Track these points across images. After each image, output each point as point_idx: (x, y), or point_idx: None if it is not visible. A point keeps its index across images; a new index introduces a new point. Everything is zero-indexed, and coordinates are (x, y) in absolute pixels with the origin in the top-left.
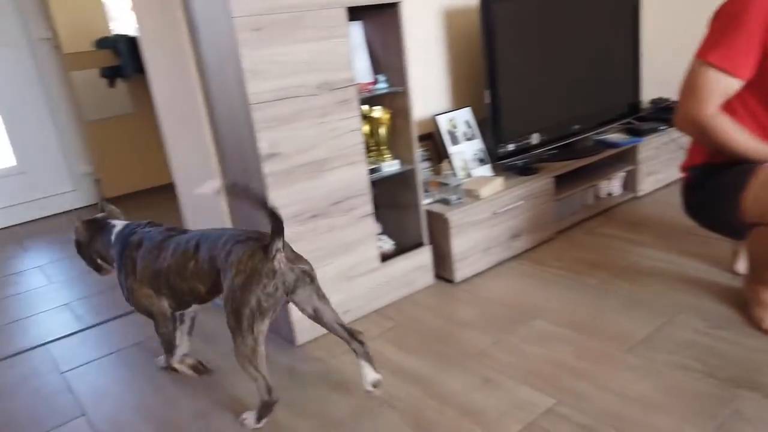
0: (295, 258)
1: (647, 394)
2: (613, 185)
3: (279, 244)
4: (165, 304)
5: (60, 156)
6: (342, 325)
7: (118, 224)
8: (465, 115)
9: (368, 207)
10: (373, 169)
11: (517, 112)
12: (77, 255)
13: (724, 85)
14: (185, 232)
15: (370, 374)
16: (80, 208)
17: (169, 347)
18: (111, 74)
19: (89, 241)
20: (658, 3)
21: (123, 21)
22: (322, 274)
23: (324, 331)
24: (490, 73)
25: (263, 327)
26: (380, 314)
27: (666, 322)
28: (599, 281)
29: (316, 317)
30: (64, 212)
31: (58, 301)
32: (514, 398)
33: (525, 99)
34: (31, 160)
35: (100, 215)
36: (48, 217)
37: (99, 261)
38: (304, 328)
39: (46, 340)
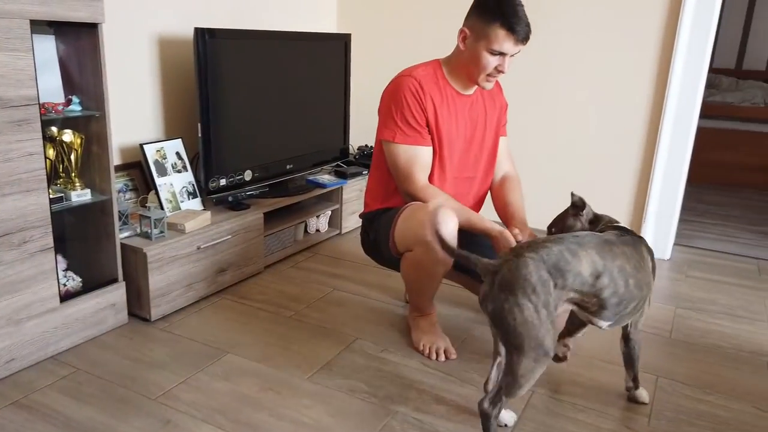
0: None
1: (319, 419)
2: (320, 222)
3: None
4: None
5: None
6: None
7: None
8: (176, 146)
9: (47, 240)
10: (58, 198)
11: (230, 148)
12: None
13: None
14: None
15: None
16: None
17: None
18: None
19: None
20: (365, 62)
21: None
22: None
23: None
24: (202, 107)
25: None
26: (56, 361)
27: (344, 348)
28: (295, 313)
29: None
30: None
31: None
32: None
33: (239, 136)
34: None
35: None
36: None
37: None
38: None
39: None
